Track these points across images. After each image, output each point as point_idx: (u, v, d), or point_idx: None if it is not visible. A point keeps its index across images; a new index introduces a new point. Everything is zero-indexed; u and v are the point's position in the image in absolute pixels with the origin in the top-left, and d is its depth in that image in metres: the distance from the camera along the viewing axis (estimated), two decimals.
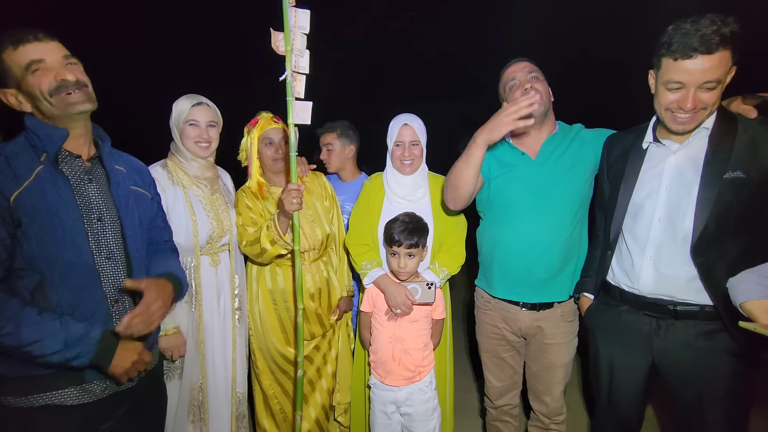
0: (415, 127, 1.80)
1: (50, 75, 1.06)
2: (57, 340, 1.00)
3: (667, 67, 1.21)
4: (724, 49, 1.14)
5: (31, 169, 1.04)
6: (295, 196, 1.50)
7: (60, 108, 1.07)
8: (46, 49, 1.07)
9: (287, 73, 1.40)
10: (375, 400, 1.71)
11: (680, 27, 1.17)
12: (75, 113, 1.09)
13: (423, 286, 1.62)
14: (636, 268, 1.34)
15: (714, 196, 1.21)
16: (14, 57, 1.05)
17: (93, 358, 1.05)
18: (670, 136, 1.31)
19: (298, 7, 1.39)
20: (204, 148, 1.70)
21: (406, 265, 1.64)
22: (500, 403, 1.85)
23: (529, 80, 1.60)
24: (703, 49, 1.14)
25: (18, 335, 0.97)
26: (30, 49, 1.05)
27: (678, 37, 1.16)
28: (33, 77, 1.05)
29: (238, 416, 1.81)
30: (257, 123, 1.83)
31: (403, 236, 1.61)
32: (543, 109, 1.60)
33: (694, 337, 1.27)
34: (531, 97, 1.37)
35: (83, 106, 1.09)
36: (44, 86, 1.05)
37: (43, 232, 1.04)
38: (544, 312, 1.66)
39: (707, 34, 1.13)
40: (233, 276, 1.77)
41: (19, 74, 1.05)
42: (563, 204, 1.61)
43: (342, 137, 2.30)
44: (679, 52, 1.16)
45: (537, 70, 1.64)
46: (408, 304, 1.62)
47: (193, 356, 1.66)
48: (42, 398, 1.07)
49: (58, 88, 1.06)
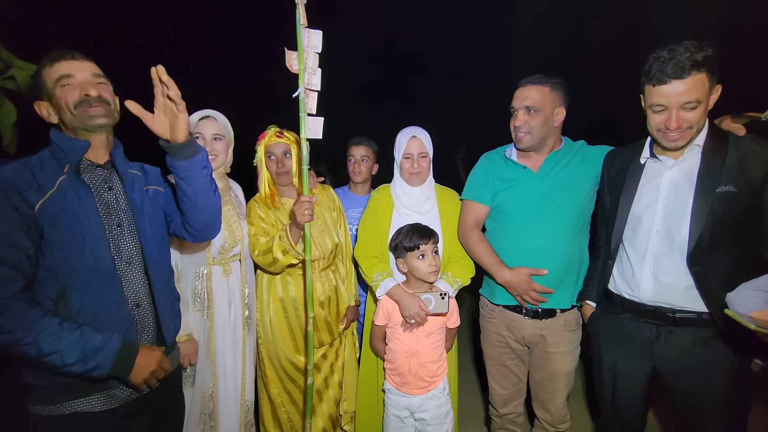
0: (423, 139, 1.86)
1: (77, 90, 1.13)
2: (75, 351, 1.02)
3: (649, 92, 1.32)
4: (698, 72, 1.24)
5: (54, 180, 1.09)
6: (307, 207, 1.54)
7: (80, 120, 1.14)
8: (78, 67, 1.15)
9: (300, 90, 1.47)
10: (389, 404, 1.74)
11: (659, 56, 1.28)
12: (92, 126, 1.15)
13: (436, 296, 1.64)
14: (636, 276, 1.40)
15: (707, 209, 1.28)
16: (49, 72, 1.14)
17: (111, 369, 1.07)
18: (666, 152, 1.39)
19: (311, 28, 1.47)
20: (209, 160, 1.75)
21: (436, 262, 1.66)
22: (505, 411, 1.88)
23: (523, 119, 1.65)
24: (675, 75, 1.24)
25: (38, 345, 0.99)
26: (64, 65, 1.14)
27: (656, 65, 1.27)
28: (61, 90, 1.13)
29: (247, 424, 1.83)
30: (264, 137, 1.89)
31: (423, 235, 1.65)
32: (536, 141, 1.67)
33: (692, 343, 1.33)
34: (536, 297, 1.65)
35: (100, 120, 1.16)
36: (70, 99, 1.12)
37: (65, 240, 1.07)
38: (547, 321, 1.71)
39: (681, 61, 1.23)
40: (244, 285, 1.81)
41: (51, 87, 1.13)
42: (564, 215, 1.67)
43: (375, 154, 2.42)
44: (656, 79, 1.28)
45: (537, 100, 1.64)
46: (422, 315, 1.63)
47: (204, 364, 1.69)
48: (70, 406, 1.09)
49: (81, 102, 1.13)
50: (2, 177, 1.03)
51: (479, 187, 1.81)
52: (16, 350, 0.99)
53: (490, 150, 1.91)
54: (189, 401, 1.65)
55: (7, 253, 1.00)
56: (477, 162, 1.90)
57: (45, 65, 1.14)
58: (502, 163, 1.80)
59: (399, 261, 1.72)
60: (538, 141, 1.67)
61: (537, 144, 1.68)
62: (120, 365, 1.08)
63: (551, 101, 1.65)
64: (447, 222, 1.87)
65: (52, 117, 1.16)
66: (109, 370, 1.07)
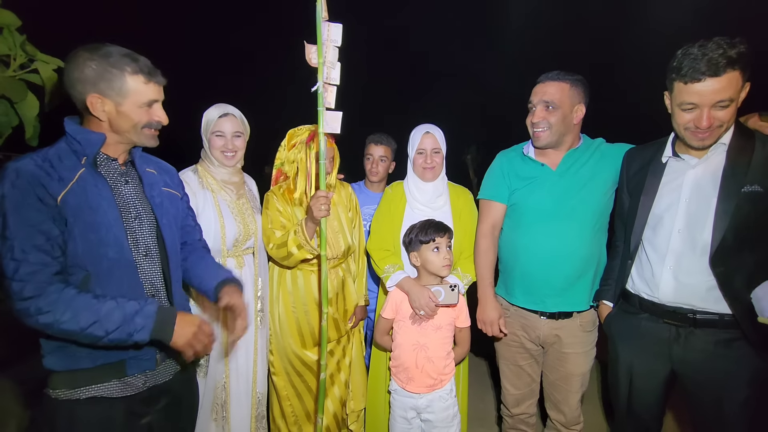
0: (436, 135, 1.87)
1: (151, 113, 1.19)
2: (114, 318, 1.04)
3: (679, 90, 1.27)
4: (732, 70, 1.20)
5: (74, 171, 1.11)
6: (323, 202, 1.55)
7: (134, 137, 1.19)
8: (161, 92, 1.22)
9: (319, 84, 1.46)
10: (395, 405, 1.73)
11: (688, 52, 1.23)
12: (141, 144, 1.23)
13: (446, 288, 1.65)
14: (656, 277, 1.38)
15: (732, 209, 1.25)
16: (140, 87, 1.15)
17: (153, 331, 1.08)
18: (689, 151, 1.36)
19: (331, 21, 1.46)
20: (230, 157, 1.77)
21: (450, 256, 1.67)
22: (517, 411, 1.86)
23: (541, 115, 1.63)
24: (711, 72, 1.20)
25: (77, 320, 1.02)
26: (157, 89, 1.19)
27: (687, 62, 1.23)
28: (141, 110, 1.17)
29: (258, 416, 1.84)
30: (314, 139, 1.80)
31: (439, 229, 1.67)
32: (554, 138, 1.65)
33: (713, 345, 1.30)
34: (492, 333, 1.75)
35: (149, 142, 1.23)
36: (143, 120, 1.18)
37: (87, 230, 1.09)
38: (562, 321, 1.69)
39: (714, 58, 1.19)
40: (257, 278, 1.82)
41: (133, 101, 1.15)
42: (582, 214, 1.65)
43: (393, 153, 2.41)
44: (689, 76, 1.23)
45: (555, 96, 1.61)
46: (431, 306, 1.64)
47: (217, 356, 1.70)
48: (88, 391, 1.11)
49: (148, 125, 1.19)
50: (25, 170, 1.04)
51: (496, 186, 1.79)
52: (57, 329, 1.02)
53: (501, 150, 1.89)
54: (202, 391, 1.66)
55: (41, 242, 1.03)
56: (493, 161, 1.89)
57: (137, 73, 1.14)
58: (519, 160, 1.78)
59: (412, 255, 1.72)
60: (556, 138, 1.65)
61: (555, 141, 1.66)
62: (160, 326, 1.09)
63: (570, 98, 1.63)
64: (459, 218, 1.87)
65: (101, 113, 1.14)
66: (151, 331, 1.08)
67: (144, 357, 1.18)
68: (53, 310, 1.01)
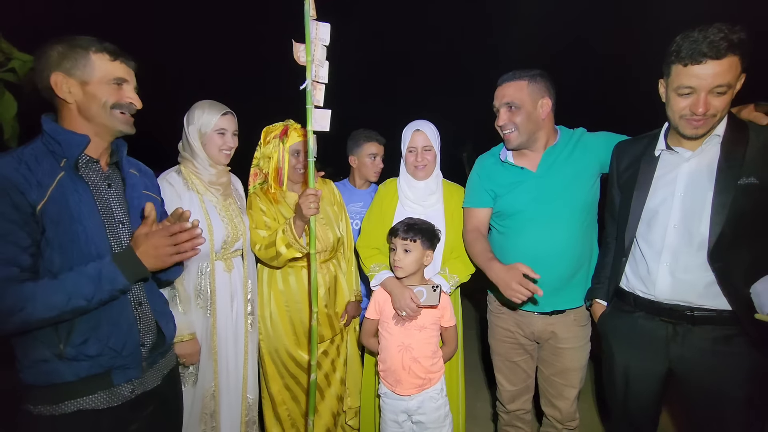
0: (427, 132, 1.83)
1: (121, 93, 1.14)
2: (83, 284, 1.02)
3: (678, 73, 1.24)
4: (733, 55, 1.18)
5: (53, 176, 1.04)
6: (312, 200, 1.52)
7: (106, 119, 1.13)
8: (130, 74, 1.18)
9: (308, 82, 1.45)
10: (386, 409, 1.70)
11: (689, 35, 1.21)
12: (115, 130, 1.16)
13: (428, 288, 1.62)
14: (652, 274, 1.35)
15: (729, 202, 1.23)
16: (105, 64, 1.12)
17: (123, 272, 1.06)
18: (683, 144, 1.33)
19: (319, 20, 1.44)
20: (227, 155, 1.74)
21: (401, 259, 1.63)
22: (512, 407, 1.84)
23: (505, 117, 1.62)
24: (711, 54, 1.17)
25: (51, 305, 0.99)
26: (125, 69, 1.16)
27: (687, 44, 1.20)
28: (109, 87, 1.12)
29: (248, 422, 1.80)
30: (288, 133, 1.83)
31: (401, 229, 1.64)
32: (525, 138, 1.63)
33: (712, 342, 1.28)
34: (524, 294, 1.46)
35: (123, 127, 1.17)
36: (112, 98, 1.13)
37: (66, 240, 1.04)
38: (557, 316, 1.67)
39: (715, 41, 1.17)
40: (246, 281, 1.78)
41: (99, 78, 1.10)
42: (569, 213, 1.62)
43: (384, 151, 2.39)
44: (689, 58, 1.20)
45: (515, 96, 1.60)
46: (413, 307, 1.60)
47: (206, 363, 1.65)
48: (73, 404, 1.06)
49: (118, 105, 1.14)
50: (0, 174, 0.98)
51: (476, 193, 1.78)
52: (36, 321, 0.99)
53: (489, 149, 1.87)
54: (190, 400, 1.62)
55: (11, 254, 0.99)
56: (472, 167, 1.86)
57: (101, 52, 1.11)
58: (499, 167, 1.75)
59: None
60: (527, 137, 1.63)
61: (527, 141, 1.64)
62: (126, 263, 1.07)
63: (530, 95, 1.61)
64: (451, 217, 1.84)
65: (67, 95, 1.09)
66: (123, 273, 1.05)
67: (131, 365, 1.14)
68: (25, 306, 0.98)
